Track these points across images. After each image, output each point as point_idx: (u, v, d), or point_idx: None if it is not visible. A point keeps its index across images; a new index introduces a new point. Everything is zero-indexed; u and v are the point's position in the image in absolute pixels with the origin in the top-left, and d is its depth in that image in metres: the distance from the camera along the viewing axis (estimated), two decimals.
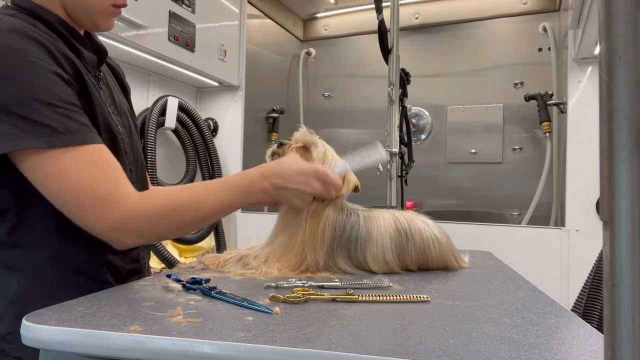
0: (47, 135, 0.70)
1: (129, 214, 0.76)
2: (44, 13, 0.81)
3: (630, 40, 0.27)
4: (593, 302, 1.32)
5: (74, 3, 0.84)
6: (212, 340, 0.51)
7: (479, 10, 2.78)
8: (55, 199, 0.75)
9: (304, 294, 0.71)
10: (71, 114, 0.74)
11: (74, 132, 0.73)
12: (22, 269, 0.80)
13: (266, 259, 0.94)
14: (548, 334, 0.58)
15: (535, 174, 2.48)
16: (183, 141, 2.32)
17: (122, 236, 0.77)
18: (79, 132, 0.74)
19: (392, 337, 0.55)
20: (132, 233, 0.78)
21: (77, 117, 0.75)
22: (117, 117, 0.92)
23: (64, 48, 0.81)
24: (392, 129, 1.83)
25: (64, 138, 0.71)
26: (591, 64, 2.10)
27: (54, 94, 0.72)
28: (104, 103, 0.88)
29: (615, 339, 0.28)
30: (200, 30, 2.17)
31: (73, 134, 0.73)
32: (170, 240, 2.12)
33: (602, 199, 0.29)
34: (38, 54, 0.73)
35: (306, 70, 3.23)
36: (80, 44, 0.86)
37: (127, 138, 0.94)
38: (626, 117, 0.27)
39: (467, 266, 1.09)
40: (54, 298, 0.74)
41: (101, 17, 0.86)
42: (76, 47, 0.84)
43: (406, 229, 0.98)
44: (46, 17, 0.81)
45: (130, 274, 0.93)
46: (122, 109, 0.95)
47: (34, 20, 0.79)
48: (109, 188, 0.75)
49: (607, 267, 0.28)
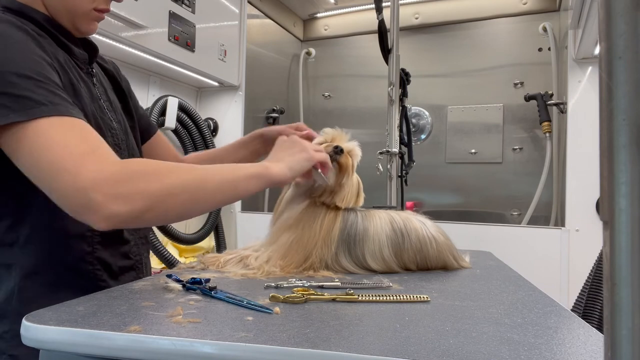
0: (29, 107, 0.66)
1: (109, 169, 0.66)
2: (30, 12, 0.81)
3: (630, 40, 0.27)
4: (593, 302, 1.32)
5: (56, 5, 0.83)
6: (212, 340, 0.51)
7: (479, 10, 2.78)
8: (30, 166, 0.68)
9: (304, 294, 0.71)
10: (55, 90, 0.71)
11: (57, 104, 0.69)
12: (18, 268, 0.79)
13: (269, 258, 0.94)
14: (548, 334, 0.58)
15: (535, 174, 2.48)
16: (183, 141, 2.32)
17: (101, 200, 0.63)
18: (62, 105, 0.70)
19: (392, 337, 0.55)
20: (113, 195, 0.64)
21: (61, 94, 0.71)
22: (111, 114, 0.92)
23: (51, 44, 0.80)
24: (392, 129, 1.83)
25: (46, 109, 0.67)
26: (591, 64, 2.10)
27: (37, 71, 0.70)
28: (98, 98, 0.89)
29: (615, 339, 0.28)
30: (200, 30, 2.17)
31: (56, 106, 0.68)
32: (169, 239, 2.12)
33: (602, 199, 0.28)
34: (24, 39, 0.72)
35: (306, 70, 3.23)
36: (69, 41, 0.85)
37: (122, 134, 0.93)
38: (626, 117, 0.27)
39: (467, 266, 1.09)
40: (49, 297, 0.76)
41: (82, 20, 0.85)
42: (65, 43, 0.84)
43: (402, 228, 0.99)
44: (33, 15, 0.81)
45: (124, 271, 0.93)
46: (116, 106, 0.96)
47: (22, 19, 0.79)
48: (88, 147, 0.67)
49: (607, 267, 0.28)
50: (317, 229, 0.96)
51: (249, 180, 0.78)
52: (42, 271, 0.80)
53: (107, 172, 0.65)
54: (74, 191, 0.64)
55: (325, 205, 0.98)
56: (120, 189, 0.65)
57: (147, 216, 0.67)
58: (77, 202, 0.65)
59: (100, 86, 0.93)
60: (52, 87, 0.70)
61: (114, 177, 0.65)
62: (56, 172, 0.65)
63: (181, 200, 0.70)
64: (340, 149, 0.98)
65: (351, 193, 1.00)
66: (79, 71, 0.86)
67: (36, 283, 0.80)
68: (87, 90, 0.86)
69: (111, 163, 0.67)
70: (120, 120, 0.95)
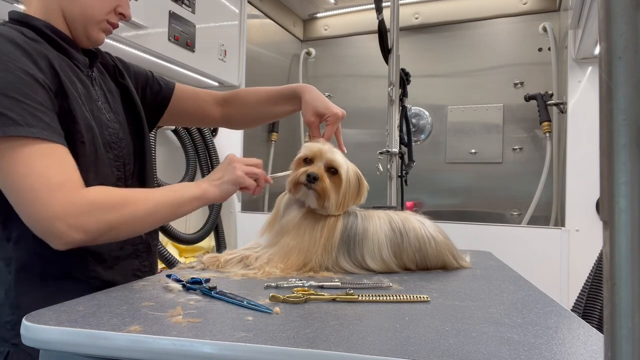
0: (4, 125, 0.72)
1: (72, 203, 0.75)
2: (32, 20, 0.87)
3: (630, 40, 0.27)
4: (593, 302, 1.32)
5: (73, 11, 0.90)
6: (212, 340, 0.51)
7: (479, 10, 2.78)
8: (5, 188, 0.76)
9: (304, 294, 0.71)
10: (35, 111, 0.75)
11: (33, 126, 0.74)
12: (13, 262, 0.84)
13: (269, 259, 0.94)
14: (548, 334, 0.58)
15: (535, 174, 2.48)
16: (183, 141, 2.32)
17: (62, 229, 0.74)
18: (38, 127, 0.75)
19: (392, 337, 0.55)
20: (73, 226, 0.74)
21: (41, 116, 0.76)
22: (109, 114, 0.96)
23: (47, 49, 0.85)
24: (392, 129, 1.83)
25: (21, 129, 0.73)
26: (591, 64, 2.10)
27: (21, 90, 0.75)
28: (96, 100, 0.94)
29: (615, 339, 0.28)
30: (200, 30, 2.17)
31: (31, 127, 0.74)
32: (169, 239, 2.12)
33: (602, 199, 0.28)
34: (13, 54, 0.77)
35: (306, 70, 3.24)
36: (69, 46, 0.91)
37: (122, 133, 0.98)
38: (626, 117, 0.27)
39: (467, 265, 1.09)
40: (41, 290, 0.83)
41: (94, 28, 0.93)
42: (65, 48, 0.90)
43: (400, 228, 0.99)
44: (34, 23, 0.87)
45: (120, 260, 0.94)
46: (116, 107, 1.00)
47: (23, 28, 0.84)
48: (61, 178, 0.75)
49: (607, 267, 0.28)
50: (318, 235, 0.95)
51: (192, 202, 0.90)
52: (34, 265, 0.85)
53: (72, 206, 0.75)
54: (43, 219, 0.74)
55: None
56: (81, 221, 0.75)
57: (100, 240, 0.80)
58: (43, 229, 0.75)
59: (99, 89, 0.98)
60: (33, 107, 0.75)
61: (77, 210, 0.75)
62: (30, 200, 0.74)
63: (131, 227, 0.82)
64: (314, 176, 0.94)
65: (346, 200, 0.97)
66: (78, 73, 0.91)
67: (29, 277, 0.85)
68: (86, 91, 0.90)
69: (78, 196, 0.76)
70: (120, 121, 0.99)
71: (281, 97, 1.18)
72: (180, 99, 1.18)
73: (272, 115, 1.23)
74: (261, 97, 1.20)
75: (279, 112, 1.20)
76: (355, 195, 1.00)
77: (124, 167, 0.97)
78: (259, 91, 1.21)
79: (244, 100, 1.21)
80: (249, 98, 1.21)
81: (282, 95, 1.17)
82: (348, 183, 0.97)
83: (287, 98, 1.17)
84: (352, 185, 0.98)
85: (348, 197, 0.98)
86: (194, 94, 1.21)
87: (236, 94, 1.23)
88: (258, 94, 1.20)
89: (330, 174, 0.97)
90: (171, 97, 1.17)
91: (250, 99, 1.21)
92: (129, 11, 0.97)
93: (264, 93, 1.20)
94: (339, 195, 0.96)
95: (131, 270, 0.98)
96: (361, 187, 1.00)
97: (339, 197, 0.96)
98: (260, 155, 1.08)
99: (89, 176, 0.85)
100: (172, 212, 0.87)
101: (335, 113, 1.07)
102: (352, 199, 0.99)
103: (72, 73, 0.88)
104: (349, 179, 0.97)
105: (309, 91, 1.12)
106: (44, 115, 0.77)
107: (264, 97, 1.20)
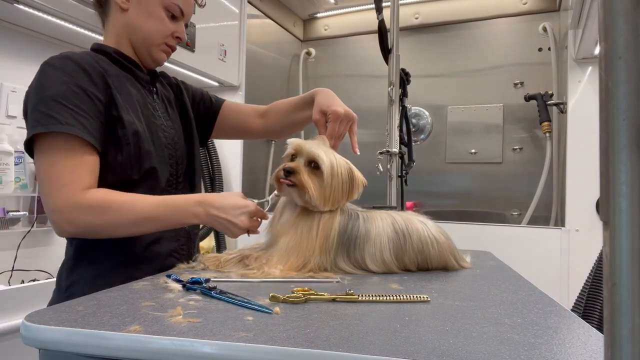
0: (50, 124, 0.89)
1: (69, 200, 0.89)
2: (105, 48, 1.07)
3: (630, 40, 0.27)
4: (593, 302, 1.32)
5: (137, 38, 1.08)
6: (212, 340, 0.51)
7: (479, 10, 2.78)
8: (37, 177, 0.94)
9: (304, 294, 0.71)
10: (77, 116, 0.91)
11: (72, 126, 0.90)
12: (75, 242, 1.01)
13: (268, 260, 0.94)
14: (548, 334, 0.58)
15: (535, 174, 2.48)
16: None
17: (58, 220, 0.90)
18: (76, 127, 0.91)
19: (392, 337, 0.55)
20: (66, 220, 0.90)
21: (82, 120, 0.92)
22: (167, 122, 1.13)
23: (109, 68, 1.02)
24: (392, 129, 1.83)
25: (61, 127, 0.89)
26: (591, 64, 2.10)
27: (69, 99, 0.92)
28: (154, 109, 1.10)
29: (615, 339, 0.28)
30: (200, 30, 2.17)
31: (71, 127, 0.90)
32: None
33: (602, 199, 0.28)
34: (72, 71, 0.94)
35: (306, 70, 3.23)
36: (133, 66, 1.09)
37: (176, 137, 1.14)
38: (626, 117, 0.27)
39: (468, 266, 1.09)
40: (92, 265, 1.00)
41: (156, 49, 1.10)
42: (130, 68, 1.08)
43: (404, 229, 0.98)
44: (106, 50, 1.07)
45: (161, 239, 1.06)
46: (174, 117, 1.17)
47: (97, 54, 1.04)
48: (69, 177, 0.90)
49: (607, 267, 0.28)
50: (314, 235, 0.94)
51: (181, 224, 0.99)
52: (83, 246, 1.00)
53: (69, 203, 0.89)
54: (49, 210, 0.92)
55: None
56: (72, 217, 0.90)
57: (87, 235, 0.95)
58: (48, 217, 0.94)
59: (161, 101, 1.16)
60: (76, 112, 0.92)
61: (72, 207, 0.90)
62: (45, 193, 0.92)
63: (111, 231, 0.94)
64: (288, 169, 0.95)
65: (334, 194, 0.96)
66: (139, 87, 1.09)
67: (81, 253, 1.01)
68: (143, 100, 1.07)
69: (78, 195, 0.90)
70: (176, 128, 1.16)
71: (304, 102, 1.23)
72: (226, 114, 1.32)
73: (299, 121, 1.27)
74: (290, 106, 1.27)
75: (304, 117, 1.25)
76: (347, 191, 0.98)
77: (176, 165, 1.12)
78: (288, 100, 1.29)
79: (278, 111, 1.30)
80: (281, 108, 1.29)
81: (305, 101, 1.23)
82: (334, 177, 0.95)
83: (308, 103, 1.21)
84: (340, 179, 0.96)
85: (337, 191, 0.96)
86: (237, 109, 1.34)
87: (272, 106, 1.32)
88: (287, 103, 1.28)
89: (312, 169, 0.97)
90: (219, 111, 1.31)
91: (282, 109, 1.29)
92: (184, 35, 1.14)
93: (291, 101, 1.28)
94: (322, 188, 0.95)
95: (169, 251, 1.08)
96: (354, 182, 0.98)
97: (323, 190, 0.95)
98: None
99: (132, 171, 0.99)
100: (157, 227, 0.96)
101: (335, 110, 1.07)
102: (343, 194, 0.97)
103: (132, 87, 1.05)
104: (335, 173, 0.95)
105: (321, 92, 1.16)
106: (84, 120, 0.92)
107: (292, 105, 1.27)
